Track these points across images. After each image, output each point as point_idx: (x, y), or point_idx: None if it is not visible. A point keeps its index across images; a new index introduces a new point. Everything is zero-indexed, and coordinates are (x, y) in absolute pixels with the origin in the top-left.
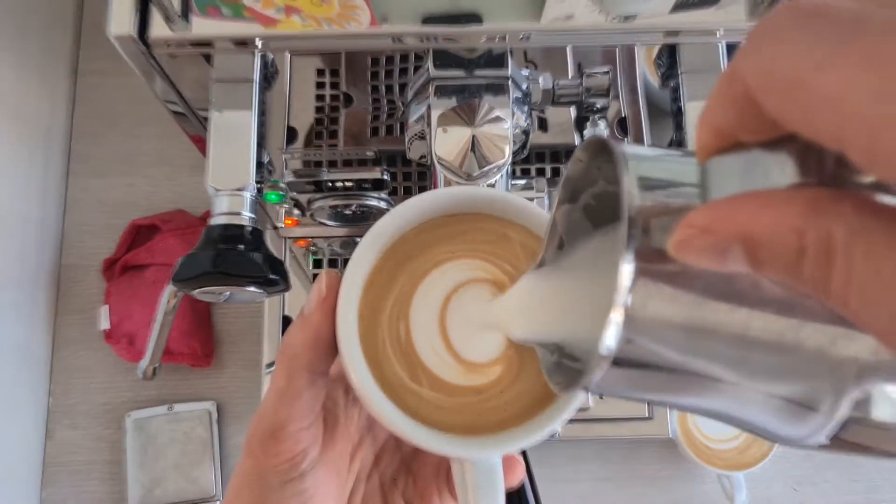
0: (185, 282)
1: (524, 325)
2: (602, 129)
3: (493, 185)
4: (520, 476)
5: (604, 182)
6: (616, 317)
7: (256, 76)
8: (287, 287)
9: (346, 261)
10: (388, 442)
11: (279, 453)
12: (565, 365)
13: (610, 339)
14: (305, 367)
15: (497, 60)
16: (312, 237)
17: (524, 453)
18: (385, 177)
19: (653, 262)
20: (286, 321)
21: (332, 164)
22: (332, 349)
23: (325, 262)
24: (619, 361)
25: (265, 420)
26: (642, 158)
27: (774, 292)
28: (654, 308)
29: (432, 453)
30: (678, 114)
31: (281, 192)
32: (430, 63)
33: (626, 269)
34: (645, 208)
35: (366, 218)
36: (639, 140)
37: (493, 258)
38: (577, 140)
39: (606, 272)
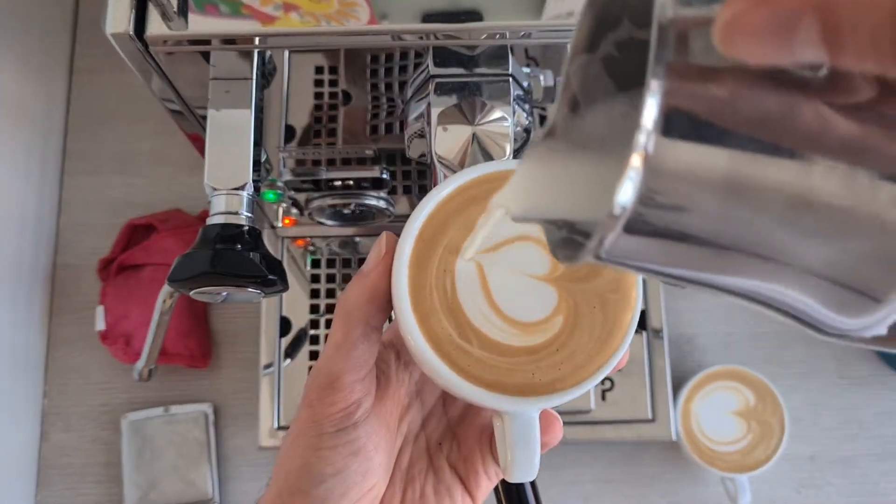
0: (181, 282)
1: (530, 200)
2: None
3: None
4: (558, 434)
5: (630, 24)
6: (635, 162)
7: (255, 74)
8: (285, 287)
9: (344, 260)
10: (435, 407)
11: (335, 402)
12: (576, 241)
13: (625, 192)
14: (361, 321)
15: (498, 58)
16: (311, 237)
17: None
18: (384, 175)
19: (690, 87)
20: (284, 322)
21: (330, 163)
22: (388, 305)
23: (323, 262)
24: (633, 227)
25: (322, 372)
26: None
27: (849, 130)
28: (686, 154)
29: (477, 411)
30: None
31: (279, 191)
32: (430, 60)
33: (653, 97)
34: (682, 14)
35: (364, 217)
36: None
37: None
38: None
39: (629, 136)
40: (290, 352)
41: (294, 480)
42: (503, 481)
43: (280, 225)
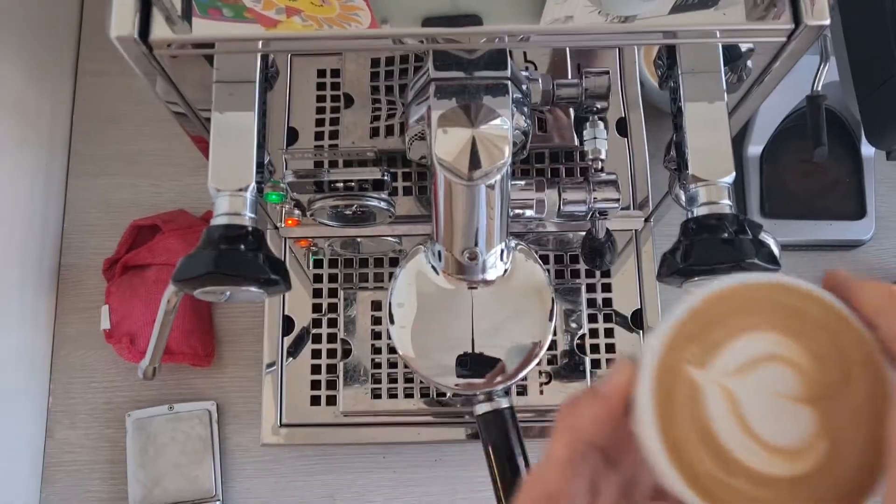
0: (186, 282)
1: None
2: (601, 129)
3: (492, 186)
4: None
5: None
6: None
7: (258, 77)
8: (287, 287)
9: (346, 260)
10: None
11: None
12: None
13: None
14: (587, 441)
15: (497, 61)
16: (313, 237)
17: (524, 452)
18: (385, 177)
19: None
20: (287, 321)
21: (332, 165)
22: (617, 427)
23: (325, 262)
24: None
25: (540, 486)
26: None
27: None
28: None
29: None
30: (678, 114)
31: (282, 193)
32: (430, 64)
33: None
34: None
35: (366, 218)
36: (638, 141)
37: (792, 333)
38: (576, 141)
39: None
40: (293, 351)
41: None
42: (499, 479)
43: (283, 225)
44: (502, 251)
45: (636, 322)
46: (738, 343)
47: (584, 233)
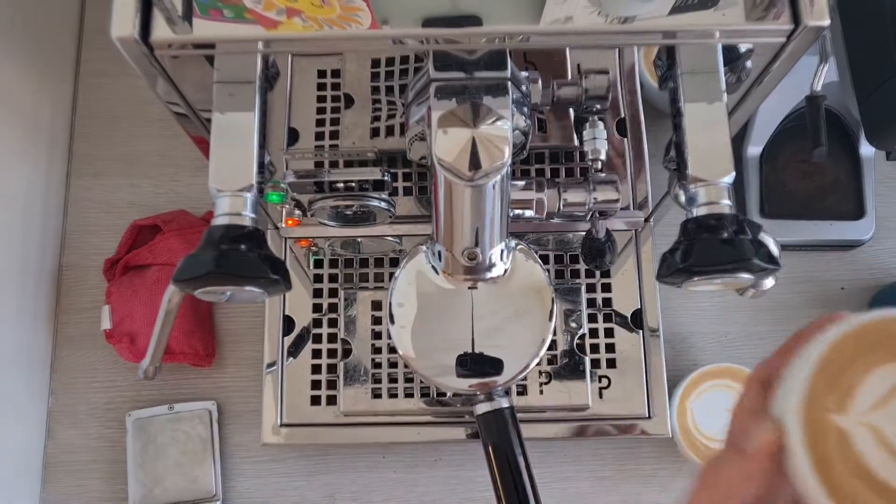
0: (186, 282)
1: None
2: (601, 129)
3: (493, 186)
4: None
5: None
6: None
7: (258, 78)
8: (288, 287)
9: (346, 261)
10: None
11: None
12: None
13: None
14: (736, 499)
15: (497, 62)
16: (313, 237)
17: (524, 452)
18: (386, 177)
19: None
20: (287, 321)
21: (332, 165)
22: (766, 482)
23: (325, 262)
24: None
25: None
26: None
27: None
28: None
29: None
30: (677, 115)
31: (282, 193)
32: (430, 64)
33: None
34: None
35: (366, 218)
36: (638, 141)
37: None
38: (576, 141)
39: None
40: (293, 351)
41: None
42: (499, 479)
43: (283, 226)
44: (502, 251)
45: (636, 322)
46: (869, 380)
47: (584, 233)
